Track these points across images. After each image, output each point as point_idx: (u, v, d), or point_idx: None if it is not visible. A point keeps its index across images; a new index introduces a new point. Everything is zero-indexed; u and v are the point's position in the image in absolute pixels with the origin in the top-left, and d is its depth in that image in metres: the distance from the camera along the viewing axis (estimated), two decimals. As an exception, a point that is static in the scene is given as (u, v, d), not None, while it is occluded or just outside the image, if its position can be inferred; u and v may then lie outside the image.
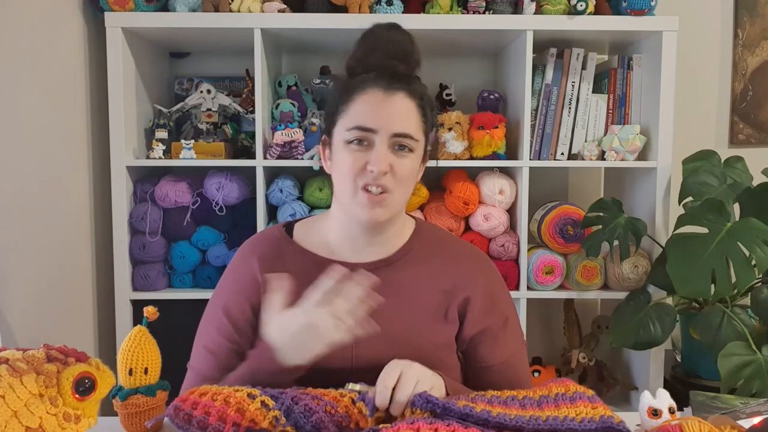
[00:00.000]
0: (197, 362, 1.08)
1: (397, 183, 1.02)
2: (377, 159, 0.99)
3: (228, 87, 2.12)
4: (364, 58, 1.03)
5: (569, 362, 2.02)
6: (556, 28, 1.79)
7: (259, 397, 0.83)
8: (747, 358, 1.61)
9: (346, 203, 1.04)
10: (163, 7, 1.83)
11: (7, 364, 0.68)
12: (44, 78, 1.63)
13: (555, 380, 0.93)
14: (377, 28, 1.04)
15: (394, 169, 1.00)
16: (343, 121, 1.02)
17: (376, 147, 1.00)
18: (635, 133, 1.85)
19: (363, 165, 1.00)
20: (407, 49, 1.04)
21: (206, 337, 1.09)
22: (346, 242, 1.08)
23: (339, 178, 1.04)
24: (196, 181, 1.88)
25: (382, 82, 1.01)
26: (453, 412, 0.83)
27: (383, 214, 1.02)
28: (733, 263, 1.61)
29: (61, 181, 1.71)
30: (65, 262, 1.72)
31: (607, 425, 0.80)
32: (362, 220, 1.03)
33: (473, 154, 1.86)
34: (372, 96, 1.01)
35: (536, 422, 0.81)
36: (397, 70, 1.02)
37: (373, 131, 1.00)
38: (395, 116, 1.00)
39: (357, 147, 1.01)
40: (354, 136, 1.00)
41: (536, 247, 1.94)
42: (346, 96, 1.03)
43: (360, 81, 1.02)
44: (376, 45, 1.03)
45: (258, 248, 1.11)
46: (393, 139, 1.00)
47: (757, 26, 2.21)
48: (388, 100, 1.00)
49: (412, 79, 1.05)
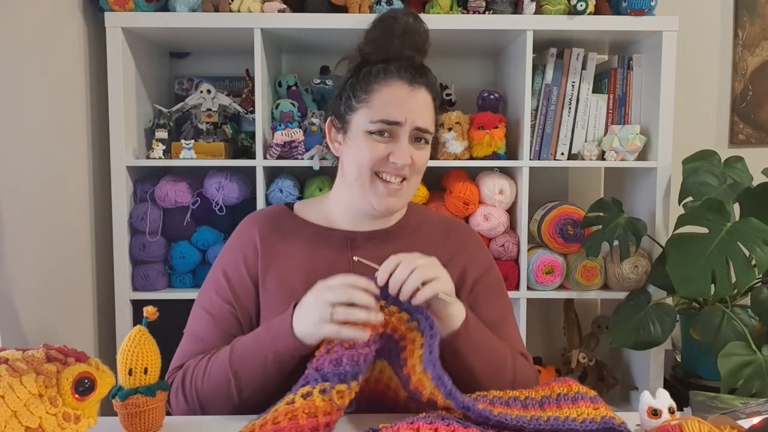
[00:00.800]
0: (194, 324, 1.08)
1: (414, 173, 1.06)
2: (401, 152, 1.01)
3: (228, 87, 2.12)
4: (382, 45, 1.03)
5: (569, 362, 2.02)
6: (556, 28, 1.79)
7: (315, 390, 0.83)
8: (747, 358, 1.61)
9: (360, 191, 1.05)
10: (163, 7, 1.83)
11: (7, 364, 0.68)
12: (44, 78, 1.63)
13: (557, 380, 0.93)
14: (398, 13, 1.04)
15: (413, 161, 1.04)
16: (365, 111, 1.03)
17: (401, 140, 1.02)
18: (635, 133, 1.85)
19: (385, 156, 1.02)
20: (424, 39, 1.05)
21: (205, 299, 1.10)
22: (347, 216, 1.11)
23: (354, 165, 1.05)
24: (196, 181, 1.88)
25: (407, 75, 1.02)
26: (456, 400, 0.83)
27: (398, 203, 1.06)
28: (733, 263, 1.61)
29: (61, 181, 1.71)
30: (65, 262, 1.72)
31: (608, 426, 0.80)
32: (378, 209, 1.05)
33: (473, 154, 1.86)
34: (398, 90, 1.02)
35: (537, 422, 0.81)
36: (415, 61, 1.04)
37: (398, 124, 1.01)
38: (418, 111, 1.02)
39: (379, 138, 1.02)
40: (378, 128, 1.02)
41: (536, 247, 1.94)
42: (367, 84, 1.03)
43: (383, 71, 1.03)
44: (396, 31, 1.03)
45: (259, 220, 1.14)
46: (414, 132, 1.03)
47: (757, 26, 2.21)
48: (413, 94, 1.02)
49: (428, 71, 1.06)
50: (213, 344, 1.04)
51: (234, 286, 1.08)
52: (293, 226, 1.12)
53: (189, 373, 1.01)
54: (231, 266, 1.10)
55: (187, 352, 1.06)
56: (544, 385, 0.93)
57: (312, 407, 0.81)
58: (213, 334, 1.05)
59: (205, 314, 1.07)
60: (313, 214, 1.14)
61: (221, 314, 1.06)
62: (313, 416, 0.80)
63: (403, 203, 1.08)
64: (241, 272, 1.08)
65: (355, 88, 1.04)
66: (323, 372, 0.85)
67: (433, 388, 0.85)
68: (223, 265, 1.11)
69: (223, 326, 1.06)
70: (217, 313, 1.07)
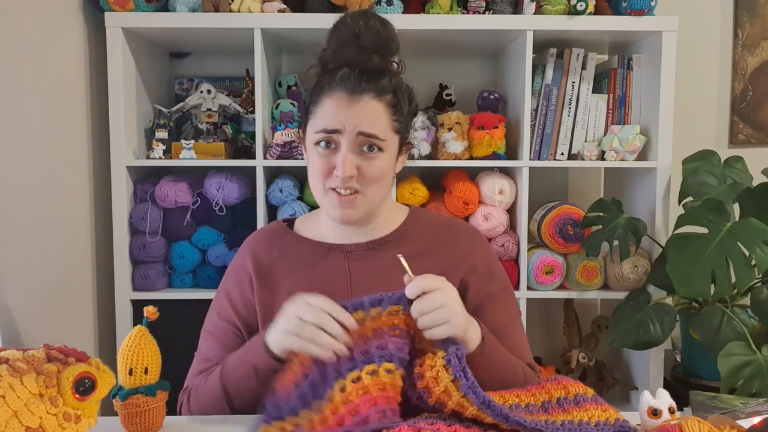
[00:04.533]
0: (201, 347, 1.12)
1: (368, 183, 1.01)
2: (342, 164, 0.99)
3: (228, 87, 2.12)
4: (337, 52, 1.00)
5: (569, 362, 2.02)
6: (556, 28, 1.79)
7: (363, 372, 0.84)
8: (747, 358, 1.61)
9: (320, 203, 1.06)
10: (163, 7, 1.83)
11: (7, 364, 0.68)
12: (44, 78, 1.63)
13: (550, 379, 0.93)
14: (349, 17, 1.00)
15: (362, 171, 1.00)
16: (312, 121, 1.03)
17: (341, 151, 0.99)
18: (635, 133, 1.85)
19: (331, 168, 1.00)
20: (382, 37, 1.00)
21: (209, 322, 1.13)
22: (336, 230, 1.11)
23: (310, 178, 1.06)
24: (196, 181, 1.88)
25: (348, 85, 0.98)
26: (478, 395, 0.82)
27: (354, 213, 1.03)
28: (733, 263, 1.61)
29: (62, 181, 1.71)
30: (65, 262, 1.72)
31: (624, 430, 0.81)
32: (335, 219, 1.05)
33: (473, 154, 1.86)
34: (338, 99, 0.99)
35: (553, 426, 0.81)
36: (371, 64, 0.99)
37: (338, 132, 0.99)
38: (360, 119, 0.98)
39: (324, 150, 1.00)
40: (320, 138, 1.00)
41: (536, 247, 1.94)
42: (316, 95, 1.02)
43: (328, 81, 1.00)
44: (347, 37, 0.99)
45: (253, 244, 1.14)
46: (359, 139, 0.99)
47: (757, 26, 2.21)
48: (354, 102, 0.98)
49: (383, 74, 1.01)
50: (218, 362, 1.06)
51: (236, 306, 1.09)
52: (290, 243, 1.12)
53: (193, 391, 1.05)
54: (232, 287, 1.11)
55: (195, 371, 1.09)
56: (539, 387, 0.92)
57: (363, 387, 0.82)
58: (217, 353, 1.07)
59: (210, 336, 1.10)
60: (311, 230, 1.14)
61: (224, 335, 1.09)
62: (367, 393, 0.82)
63: (362, 213, 1.04)
64: (241, 293, 1.10)
65: (310, 100, 1.04)
66: (370, 355, 0.85)
67: (460, 397, 0.84)
68: (225, 287, 1.13)
69: (226, 345, 1.07)
70: (220, 333, 1.09)
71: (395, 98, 1.02)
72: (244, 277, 1.10)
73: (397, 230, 1.12)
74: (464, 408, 0.84)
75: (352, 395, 0.82)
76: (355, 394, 0.82)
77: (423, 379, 0.86)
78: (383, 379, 0.83)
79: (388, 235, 1.11)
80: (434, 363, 0.86)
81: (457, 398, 0.84)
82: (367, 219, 1.08)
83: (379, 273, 1.07)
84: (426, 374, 0.86)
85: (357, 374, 0.84)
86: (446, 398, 0.85)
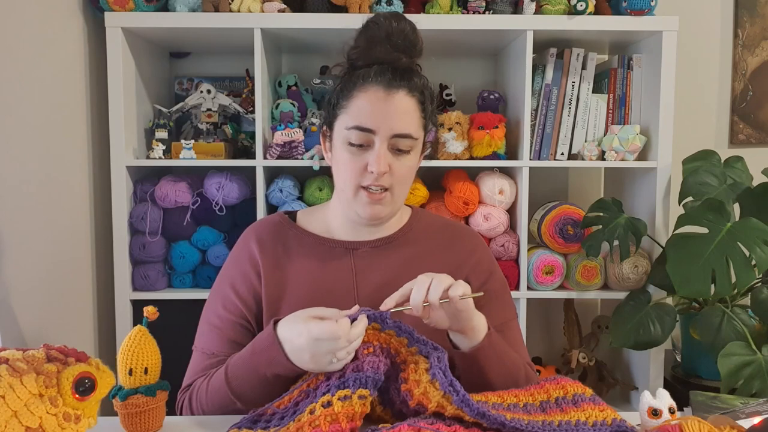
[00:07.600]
0: (203, 341, 1.08)
1: (397, 182, 1.03)
2: (377, 160, 1.00)
3: (228, 87, 2.12)
4: (367, 50, 1.02)
5: (569, 362, 2.02)
6: (556, 28, 1.79)
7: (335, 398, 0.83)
8: (747, 358, 1.61)
9: (347, 200, 1.05)
10: (163, 7, 1.83)
11: (7, 364, 0.68)
12: (44, 78, 1.63)
13: (549, 379, 0.93)
14: (380, 18, 1.03)
15: (393, 169, 1.02)
16: (343, 117, 1.03)
17: (376, 148, 1.00)
18: (635, 133, 1.85)
19: (363, 165, 1.01)
20: (410, 39, 1.03)
21: (211, 314, 1.09)
22: (346, 226, 1.11)
23: (339, 176, 1.06)
24: (196, 181, 1.88)
25: (384, 80, 1.00)
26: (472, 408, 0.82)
27: (383, 210, 1.04)
28: (733, 263, 1.61)
29: (62, 181, 1.71)
30: (65, 262, 1.72)
31: (622, 429, 0.81)
32: (364, 217, 1.05)
33: (473, 154, 1.86)
34: (373, 95, 1.00)
35: (550, 427, 0.81)
36: (400, 63, 1.02)
37: (372, 132, 1.00)
38: (395, 117, 1.00)
39: (357, 150, 1.01)
40: (354, 136, 1.01)
41: (536, 247, 1.94)
42: (347, 90, 1.03)
43: (362, 76, 1.02)
44: (379, 36, 1.01)
45: (258, 232, 1.13)
46: (393, 140, 1.01)
47: (757, 26, 2.21)
48: (389, 99, 1.00)
49: (413, 73, 1.04)
50: (224, 358, 1.03)
51: (243, 297, 1.07)
52: (295, 236, 1.12)
53: (194, 393, 1.02)
54: (237, 278, 1.09)
55: (199, 368, 1.05)
56: (537, 387, 0.92)
57: (333, 414, 0.81)
58: (224, 348, 1.04)
59: (214, 329, 1.07)
60: (315, 224, 1.14)
61: (230, 327, 1.06)
62: (335, 422, 0.80)
63: (389, 212, 1.06)
64: (247, 283, 1.08)
65: (339, 96, 1.04)
66: (344, 379, 0.85)
67: (440, 397, 0.84)
68: (228, 278, 1.10)
69: (233, 339, 1.05)
70: (226, 326, 1.06)
71: (423, 97, 1.04)
72: (251, 265, 1.09)
73: (402, 229, 1.13)
74: (462, 414, 0.84)
75: (320, 420, 0.81)
76: (323, 420, 0.81)
77: (413, 397, 0.86)
78: (354, 408, 0.82)
79: (393, 234, 1.12)
80: (419, 377, 0.86)
81: (452, 411, 0.85)
82: (387, 218, 1.09)
83: (385, 271, 1.07)
84: (414, 391, 0.86)
85: (328, 398, 0.83)
86: (442, 410, 0.85)
